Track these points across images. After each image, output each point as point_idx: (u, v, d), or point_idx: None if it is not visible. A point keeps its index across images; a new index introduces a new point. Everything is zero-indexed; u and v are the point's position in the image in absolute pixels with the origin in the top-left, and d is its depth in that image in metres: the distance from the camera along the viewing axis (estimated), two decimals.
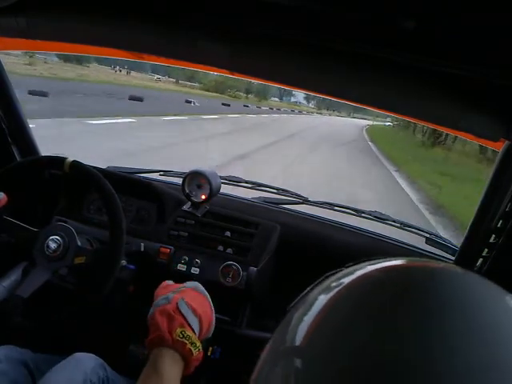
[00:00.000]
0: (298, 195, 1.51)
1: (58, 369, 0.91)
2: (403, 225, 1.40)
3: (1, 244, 1.04)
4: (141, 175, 1.51)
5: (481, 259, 0.98)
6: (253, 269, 1.20)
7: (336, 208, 1.47)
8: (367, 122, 57.62)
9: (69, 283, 1.18)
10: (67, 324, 1.01)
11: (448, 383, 0.25)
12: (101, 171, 1.13)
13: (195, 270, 1.22)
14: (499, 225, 0.92)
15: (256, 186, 1.54)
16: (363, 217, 1.43)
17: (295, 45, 0.79)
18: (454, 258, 1.13)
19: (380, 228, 1.45)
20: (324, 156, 11.86)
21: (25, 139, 1.39)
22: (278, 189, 1.55)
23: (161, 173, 1.53)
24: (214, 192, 1.29)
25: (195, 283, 0.87)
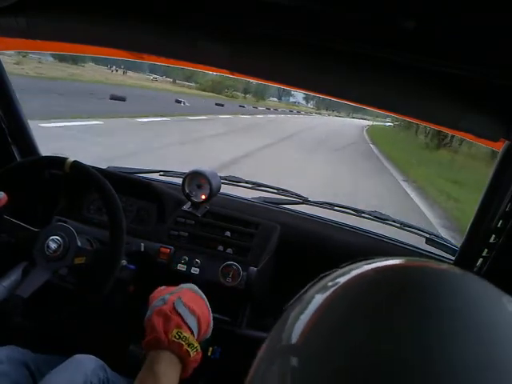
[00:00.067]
0: (298, 195, 1.51)
1: (59, 370, 0.91)
2: (403, 225, 1.40)
3: (1, 244, 1.04)
4: (141, 175, 1.51)
5: (481, 259, 0.98)
6: (253, 269, 1.20)
7: (336, 208, 1.47)
8: (367, 123, 57.46)
9: (69, 283, 1.18)
10: (67, 324, 1.01)
11: (445, 383, 0.25)
12: (101, 171, 1.13)
13: (195, 270, 1.22)
14: (499, 225, 0.92)
15: (256, 186, 1.54)
16: (363, 217, 1.44)
17: (295, 45, 0.79)
18: (454, 258, 1.13)
19: (380, 228, 1.45)
20: (322, 163, 10.35)
21: (25, 139, 1.39)
22: (278, 189, 1.55)
23: (161, 173, 1.53)
24: (214, 192, 1.29)
25: (191, 285, 0.86)
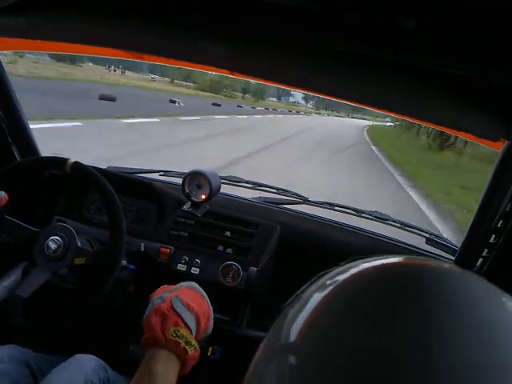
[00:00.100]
0: (298, 195, 1.51)
1: (59, 370, 0.91)
2: (403, 225, 1.39)
3: (1, 244, 1.04)
4: (141, 175, 1.51)
5: (481, 259, 0.98)
6: (253, 269, 1.20)
7: (336, 208, 1.47)
8: (367, 123, 57.22)
9: (69, 283, 1.18)
10: (67, 324, 1.01)
11: (444, 382, 0.25)
12: (101, 171, 1.13)
13: (195, 270, 1.22)
14: (499, 225, 0.91)
15: (256, 186, 1.54)
16: (363, 217, 1.43)
17: (295, 45, 0.79)
18: (454, 258, 1.13)
19: (380, 228, 1.45)
20: (321, 168, 9.51)
21: (25, 139, 1.39)
22: (278, 189, 1.55)
23: (161, 173, 1.53)
24: (214, 192, 1.29)
25: (191, 282, 0.87)
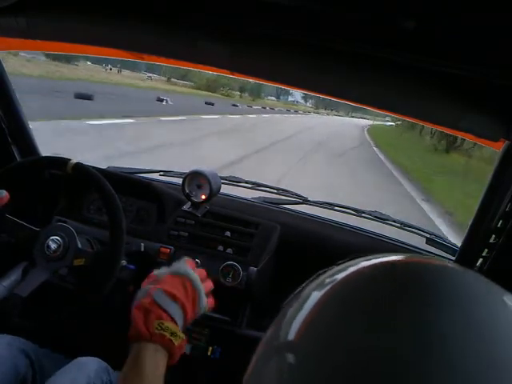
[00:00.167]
0: (298, 195, 1.51)
1: (62, 372, 0.91)
2: (403, 225, 1.39)
3: (1, 244, 1.04)
4: (141, 175, 1.51)
5: (481, 259, 0.98)
6: (253, 269, 1.20)
7: (336, 208, 1.47)
8: (367, 122, 56.65)
9: (69, 283, 1.18)
10: (67, 324, 1.01)
11: (446, 380, 0.25)
12: (101, 171, 1.13)
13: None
14: (499, 225, 0.91)
15: (256, 186, 1.54)
16: (363, 217, 1.43)
17: (295, 45, 0.79)
18: (455, 258, 1.13)
19: (380, 228, 1.45)
20: (318, 178, 7.91)
21: (25, 139, 1.39)
22: (278, 189, 1.55)
23: (161, 173, 1.53)
24: (214, 192, 1.29)
25: (176, 267, 0.83)
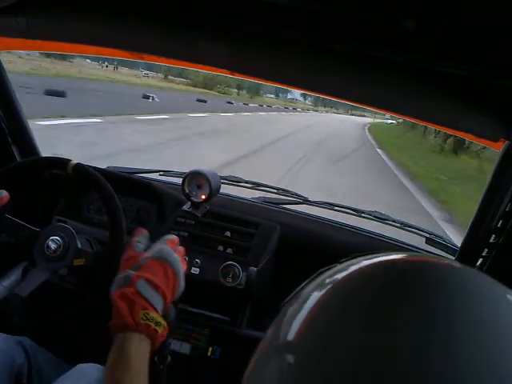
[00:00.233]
0: (298, 195, 1.51)
1: (63, 379, 0.91)
2: (403, 225, 1.39)
3: (1, 244, 1.04)
4: (141, 175, 1.51)
5: (481, 259, 0.98)
6: (253, 269, 1.20)
7: (336, 208, 1.47)
8: (367, 120, 56.10)
9: (69, 283, 1.18)
10: (67, 324, 1.01)
11: (450, 380, 0.24)
12: (101, 171, 1.13)
13: (195, 270, 1.22)
14: (499, 225, 0.92)
15: (256, 186, 1.54)
16: (363, 217, 1.43)
17: (295, 45, 0.79)
18: (454, 258, 1.13)
19: (380, 228, 1.45)
20: (317, 192, 5.30)
21: (25, 139, 1.39)
22: (278, 189, 1.55)
23: (161, 173, 1.53)
24: (214, 192, 1.29)
25: (160, 248, 0.81)
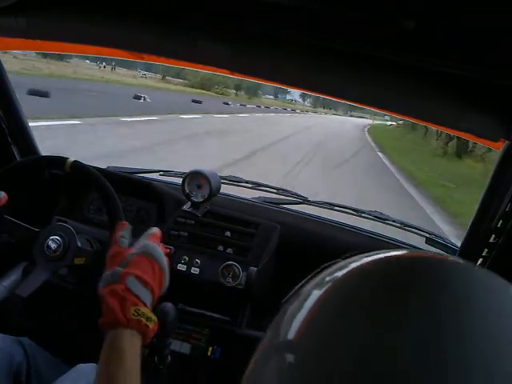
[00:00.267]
0: (298, 195, 1.51)
1: (63, 380, 0.92)
2: (403, 225, 1.39)
3: (1, 244, 1.04)
4: (141, 175, 1.51)
5: (481, 259, 0.98)
6: (253, 269, 1.20)
7: (336, 208, 1.47)
8: (366, 121, 55.74)
9: (69, 283, 1.18)
10: (67, 324, 1.01)
11: (456, 379, 0.24)
12: (101, 171, 1.13)
13: (195, 270, 1.22)
14: (499, 225, 0.91)
15: (256, 186, 1.54)
16: (363, 217, 1.44)
17: (295, 45, 0.79)
18: None
19: (380, 228, 1.45)
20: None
21: (25, 139, 1.39)
22: (278, 189, 1.55)
23: (161, 173, 1.53)
24: (214, 192, 1.29)
25: (145, 244, 0.82)
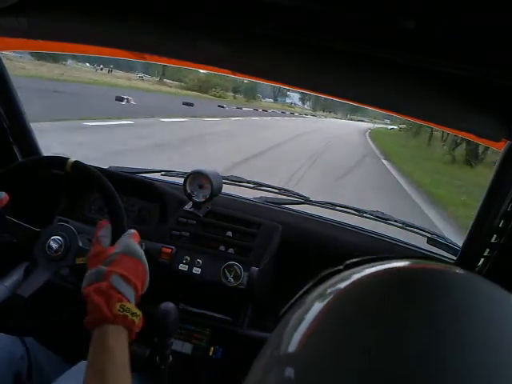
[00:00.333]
0: (300, 195, 1.51)
1: (67, 377, 0.92)
2: (405, 225, 1.39)
3: (3, 244, 1.05)
4: (142, 175, 1.52)
5: (482, 259, 0.98)
6: (254, 269, 1.20)
7: (338, 208, 1.46)
8: (367, 125, 53.73)
9: (70, 283, 1.18)
10: (69, 323, 1.01)
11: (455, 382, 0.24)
12: (102, 171, 1.13)
13: (197, 270, 1.22)
14: (501, 225, 0.91)
15: (258, 186, 1.54)
16: (365, 217, 1.43)
17: (295, 45, 0.79)
18: (456, 258, 1.13)
19: (382, 228, 1.45)
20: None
21: (26, 139, 1.39)
22: (280, 189, 1.55)
23: (162, 173, 1.53)
24: (216, 192, 1.29)
25: (126, 243, 0.84)
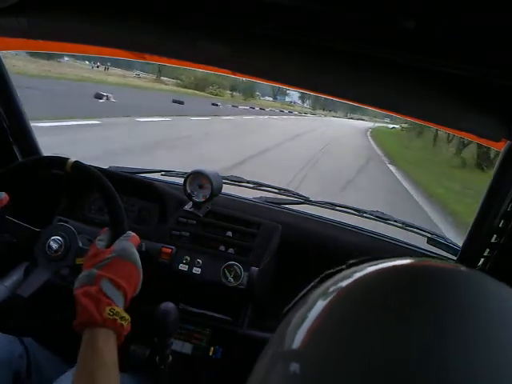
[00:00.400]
0: (300, 195, 1.51)
1: (63, 378, 0.92)
2: (405, 225, 1.39)
3: (3, 244, 1.05)
4: (142, 175, 1.52)
5: (482, 259, 0.98)
6: (254, 269, 1.20)
7: (338, 208, 1.47)
8: (367, 124, 53.34)
9: (70, 283, 1.18)
10: (68, 324, 1.01)
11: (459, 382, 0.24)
12: (102, 171, 1.13)
13: (197, 270, 1.22)
14: (501, 225, 0.91)
15: (258, 186, 1.54)
16: (365, 217, 1.43)
17: (295, 45, 0.79)
18: (456, 258, 1.13)
19: (382, 228, 1.45)
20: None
21: (26, 139, 1.39)
22: (280, 189, 1.55)
23: (162, 173, 1.53)
24: (216, 192, 1.29)
25: (124, 246, 0.84)
